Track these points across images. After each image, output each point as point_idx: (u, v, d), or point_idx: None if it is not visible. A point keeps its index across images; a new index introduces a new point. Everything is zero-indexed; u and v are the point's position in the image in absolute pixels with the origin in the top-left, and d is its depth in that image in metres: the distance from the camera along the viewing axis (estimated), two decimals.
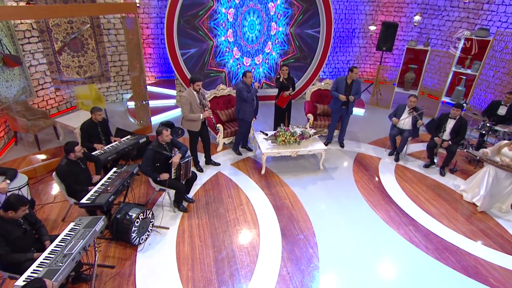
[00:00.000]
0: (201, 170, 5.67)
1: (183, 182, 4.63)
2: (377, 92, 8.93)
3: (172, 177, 4.46)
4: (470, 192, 5.19)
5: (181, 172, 4.48)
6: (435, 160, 6.08)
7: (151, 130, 6.91)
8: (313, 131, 5.75)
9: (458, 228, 4.56)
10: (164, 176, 4.40)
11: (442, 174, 5.84)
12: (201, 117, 5.18)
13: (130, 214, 3.89)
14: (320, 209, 4.79)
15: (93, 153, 4.72)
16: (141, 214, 3.95)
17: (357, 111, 8.51)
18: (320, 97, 7.08)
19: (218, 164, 5.87)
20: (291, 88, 6.36)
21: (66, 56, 7.04)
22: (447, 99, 8.55)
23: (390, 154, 6.39)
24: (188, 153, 5.81)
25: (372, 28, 9.28)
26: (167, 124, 5.95)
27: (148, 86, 8.89)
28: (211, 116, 5.30)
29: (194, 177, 4.80)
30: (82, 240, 3.07)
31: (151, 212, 4.13)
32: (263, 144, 5.62)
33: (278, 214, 4.68)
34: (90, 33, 7.28)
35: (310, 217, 4.62)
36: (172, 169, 4.41)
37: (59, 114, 7.19)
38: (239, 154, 6.21)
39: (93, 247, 3.34)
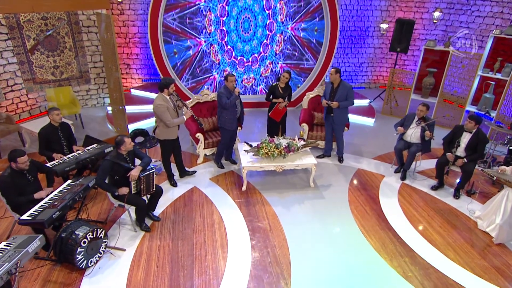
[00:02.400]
0: (174, 185, 5.63)
1: (146, 198, 4.58)
2: (391, 100, 8.71)
3: (132, 192, 4.43)
4: (486, 219, 4.91)
5: (142, 186, 4.43)
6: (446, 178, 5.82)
7: None
8: (302, 143, 5.61)
9: (465, 262, 4.29)
10: (123, 190, 4.37)
11: (456, 196, 5.57)
12: (185, 118, 5.25)
13: (76, 233, 3.86)
14: (301, 234, 4.63)
15: (50, 164, 4.74)
16: (90, 233, 3.91)
17: (366, 121, 8.34)
18: (319, 105, 6.95)
19: (194, 172, 5.82)
20: (286, 99, 6.28)
21: (39, 56, 7.22)
22: (473, 108, 8.24)
23: (396, 172, 6.17)
24: (161, 165, 5.82)
25: (384, 26, 9.11)
26: (140, 133, 5.95)
27: (134, 90, 9.08)
28: (193, 114, 5.35)
29: (159, 192, 4.75)
30: (7, 263, 3.04)
31: (103, 231, 4.09)
32: (245, 157, 5.53)
33: (253, 237, 4.56)
34: (67, 31, 7.46)
35: (289, 243, 4.47)
36: (132, 183, 4.37)
37: (31, 119, 7.35)
38: (221, 167, 6.14)
39: (25, 270, 3.31)
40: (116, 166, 4.36)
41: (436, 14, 8.58)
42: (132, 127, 7.22)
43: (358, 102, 9.23)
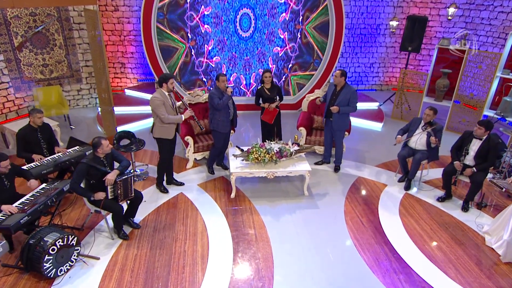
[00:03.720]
0: (165, 191, 5.65)
1: (123, 203, 4.60)
2: (402, 103, 8.58)
3: (109, 197, 4.46)
4: (495, 235, 4.76)
5: (119, 191, 4.46)
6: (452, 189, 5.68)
7: None
8: (295, 148, 5.57)
9: (467, 282, 4.16)
10: (99, 195, 4.40)
11: (465, 209, 5.43)
12: (183, 118, 5.24)
13: (45, 239, 3.89)
14: (289, 246, 4.58)
15: (26, 166, 4.82)
16: (60, 240, 3.94)
17: (372, 125, 8.24)
18: (319, 108, 6.89)
19: (182, 184, 5.82)
20: (278, 99, 6.26)
21: (27, 53, 7.38)
22: (491, 113, 8.03)
23: (400, 181, 6.06)
24: (148, 169, 5.84)
25: (394, 23, 9.00)
26: (126, 135, 6.01)
27: (128, 90, 9.20)
28: (193, 115, 5.33)
29: (138, 198, 4.77)
30: None
31: (75, 238, 4.11)
32: (234, 162, 5.52)
33: (236, 248, 4.53)
34: (57, 27, 7.62)
35: (274, 255, 4.42)
36: (108, 187, 4.40)
37: (18, 119, 7.50)
38: (212, 172, 6.14)
39: None
40: (92, 170, 4.39)
41: (451, 10, 8.43)
42: (123, 129, 7.30)
43: (366, 106, 9.15)
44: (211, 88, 5.63)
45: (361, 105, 8.97)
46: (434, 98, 8.56)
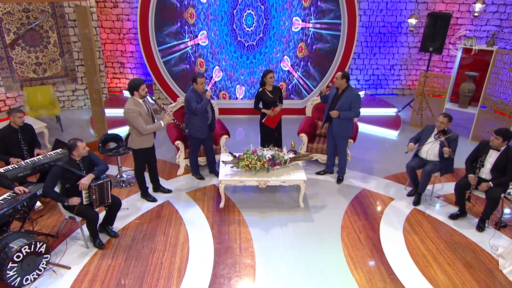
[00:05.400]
0: (154, 200, 5.73)
1: (99, 210, 4.69)
2: (423, 109, 8.42)
3: (84, 203, 4.56)
4: (509, 258, 4.59)
5: (94, 197, 4.56)
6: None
7: None
8: (291, 155, 5.55)
9: None
10: (73, 200, 4.51)
11: (480, 229, 5.25)
12: (163, 124, 5.32)
13: (10, 246, 4.00)
14: (275, 261, 4.56)
15: (2, 169, 4.99)
16: (27, 247, 4.05)
17: (387, 133, 8.14)
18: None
19: (169, 192, 5.89)
20: (279, 103, 6.27)
21: (20, 51, 7.69)
22: None
23: (409, 195, 5.94)
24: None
25: (412, 21, 8.86)
26: (113, 138, 6.15)
27: (126, 91, 9.42)
28: (174, 119, 5.42)
29: (116, 205, 4.86)
30: None
31: (44, 245, 4.22)
32: (223, 169, 5.55)
33: (217, 261, 4.55)
34: (51, 25, 7.91)
35: (257, 271, 4.41)
36: (83, 192, 4.51)
37: (8, 120, 7.79)
38: (201, 178, 6.23)
39: None
40: (67, 173, 4.51)
41: (478, 6, 8.26)
42: (116, 132, 7.46)
43: (383, 112, 9.05)
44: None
45: (377, 111, 8.99)
46: (458, 104, 8.38)
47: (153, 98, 5.45)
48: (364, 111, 8.73)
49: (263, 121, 6.36)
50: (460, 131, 7.93)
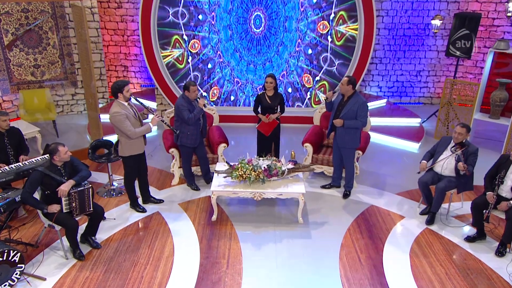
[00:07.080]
0: (143, 210, 5.86)
1: (77, 218, 4.83)
2: (450, 119, 8.28)
3: (64, 211, 4.72)
4: None
5: (74, 204, 4.71)
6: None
7: None
8: (289, 166, 5.57)
9: None
10: (53, 208, 4.66)
11: (500, 254, 5.10)
12: (152, 126, 5.46)
13: None
14: (262, 280, 4.58)
15: None
16: None
17: (407, 145, 8.05)
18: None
19: (161, 202, 6.01)
20: (278, 111, 6.34)
21: (18, 53, 8.06)
22: None
23: (422, 213, 5.84)
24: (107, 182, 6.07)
25: (437, 22, 8.76)
26: (103, 144, 6.34)
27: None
28: (162, 119, 5.56)
29: (99, 214, 5.00)
30: None
31: (18, 255, 4.38)
32: (216, 180, 5.63)
33: (202, 277, 4.61)
34: (51, 25, 8.27)
35: None
36: (63, 199, 4.67)
37: None
38: (195, 189, 6.35)
39: None
40: (47, 179, 4.69)
41: (511, 5, 8.12)
42: (111, 139, 7.69)
43: (406, 122, 8.96)
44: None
45: (398, 121, 8.91)
46: (488, 114, 8.19)
47: (138, 99, 5.60)
48: (383, 121, 8.78)
49: (256, 126, 6.44)
50: (491, 145, 7.80)
